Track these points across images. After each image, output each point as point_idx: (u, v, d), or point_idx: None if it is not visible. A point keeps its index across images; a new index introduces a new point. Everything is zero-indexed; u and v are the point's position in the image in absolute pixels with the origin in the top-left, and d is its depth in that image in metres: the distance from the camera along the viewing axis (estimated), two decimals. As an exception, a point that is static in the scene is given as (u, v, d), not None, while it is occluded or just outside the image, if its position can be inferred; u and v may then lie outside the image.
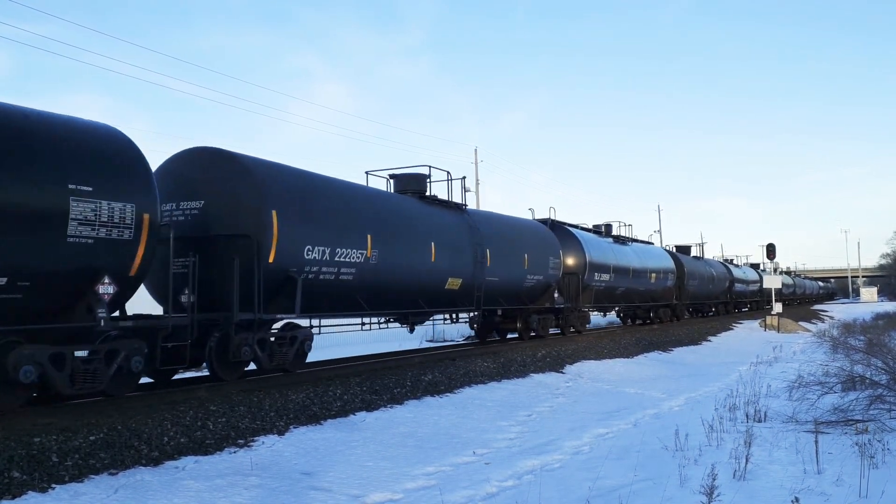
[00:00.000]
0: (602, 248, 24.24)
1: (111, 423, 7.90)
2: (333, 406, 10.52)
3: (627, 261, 25.89)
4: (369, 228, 12.99)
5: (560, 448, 9.19)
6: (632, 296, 26.89)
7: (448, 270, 15.32)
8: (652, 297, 29.28)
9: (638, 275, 26.63)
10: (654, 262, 28.78)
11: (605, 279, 23.76)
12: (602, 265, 23.44)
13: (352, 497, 6.98)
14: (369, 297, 13.17)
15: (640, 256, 27.54)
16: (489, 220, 18.24)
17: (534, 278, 19.06)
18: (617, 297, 25.73)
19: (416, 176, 16.42)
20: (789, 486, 6.41)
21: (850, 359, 13.96)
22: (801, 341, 26.73)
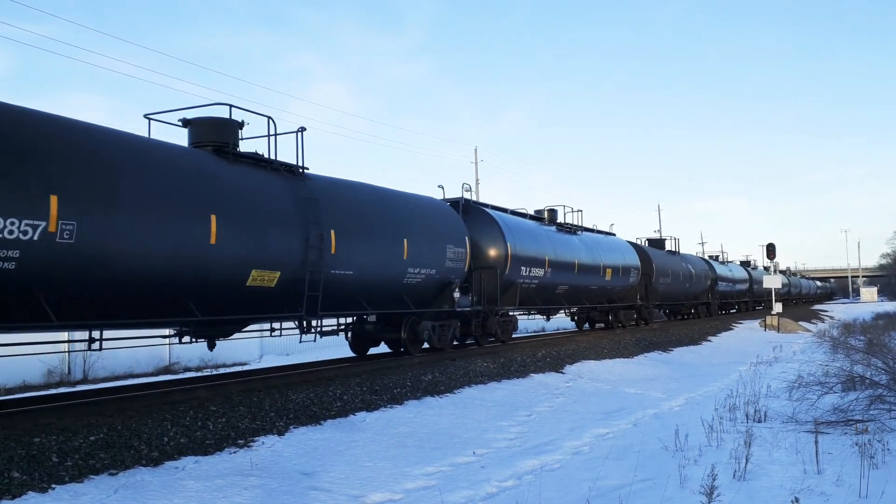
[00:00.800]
0: (534, 236, 19.36)
1: (111, 423, 7.90)
2: (333, 406, 10.52)
3: (572, 253, 21.27)
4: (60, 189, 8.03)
5: (560, 448, 9.20)
6: (579, 295, 22.54)
7: (249, 259, 10.43)
8: (609, 297, 25.16)
9: (587, 270, 22.12)
10: (611, 255, 24.30)
11: (539, 275, 19.07)
12: (533, 258, 18.65)
13: (352, 497, 6.99)
14: (61, 297, 8.26)
15: (593, 249, 23.07)
16: (338, 192, 12.81)
17: (420, 273, 14.19)
18: (557, 297, 21.13)
19: (218, 122, 11.34)
20: (789, 487, 6.41)
21: (850, 359, 13.95)
22: (801, 341, 26.73)
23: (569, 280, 21.10)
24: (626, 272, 25.44)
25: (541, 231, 20.20)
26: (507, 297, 17.80)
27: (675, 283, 31.72)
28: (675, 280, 31.73)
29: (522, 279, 18.32)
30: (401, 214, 14.15)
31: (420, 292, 14.63)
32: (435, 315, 15.45)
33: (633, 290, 26.60)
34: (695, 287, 35.60)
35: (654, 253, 29.99)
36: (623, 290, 25.84)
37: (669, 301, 32.73)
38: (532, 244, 18.89)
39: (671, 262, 31.76)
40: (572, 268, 21.15)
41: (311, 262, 11.48)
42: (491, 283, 17.04)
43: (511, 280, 17.79)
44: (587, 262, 22.19)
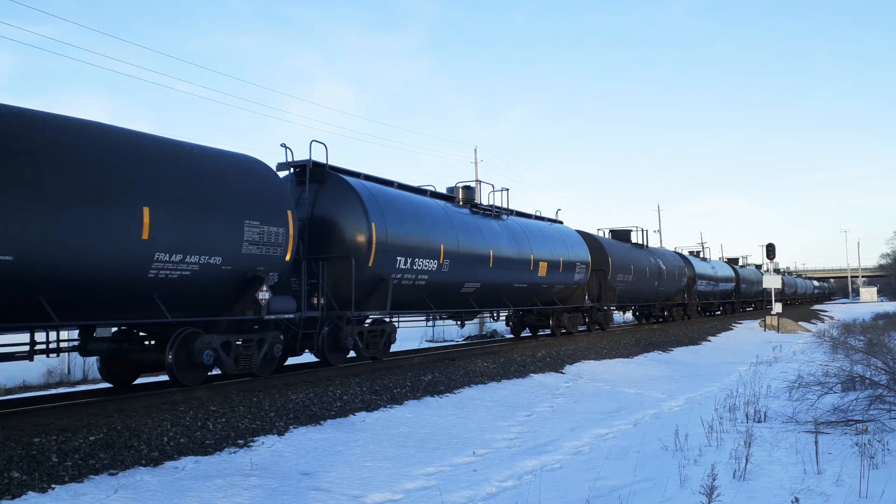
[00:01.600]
0: (421, 217, 14.38)
1: (111, 423, 7.90)
2: (333, 406, 10.52)
3: (487, 242, 16.44)
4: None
5: (560, 448, 9.20)
6: (498, 295, 17.43)
7: None
8: (545, 298, 20.36)
9: (510, 264, 17.35)
10: (547, 247, 19.51)
11: (429, 268, 14.20)
12: (416, 246, 13.78)
13: (352, 497, 6.98)
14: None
15: (520, 237, 18.24)
16: None
17: (185, 263, 9.37)
18: (462, 298, 15.96)
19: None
20: (789, 487, 6.41)
21: (850, 359, 13.95)
22: (801, 341, 26.73)
23: (481, 276, 16.04)
24: (570, 267, 20.65)
25: (436, 211, 15.09)
26: (374, 298, 13.04)
27: (639, 282, 26.67)
28: (640, 277, 26.71)
29: (399, 274, 13.36)
30: (138, 168, 8.93)
31: (189, 293, 9.72)
32: (231, 326, 10.65)
33: (579, 290, 21.83)
34: (667, 286, 30.50)
35: (612, 245, 25.14)
36: (565, 288, 20.94)
37: (632, 302, 28.01)
38: (416, 227, 13.96)
39: (635, 257, 26.84)
40: (485, 260, 16.16)
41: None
42: (344, 279, 12.40)
43: (379, 275, 12.91)
44: (510, 253, 17.33)
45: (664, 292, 30.81)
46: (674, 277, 31.44)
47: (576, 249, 21.55)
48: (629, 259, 26.06)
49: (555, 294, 20.71)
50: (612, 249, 24.58)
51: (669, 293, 31.86)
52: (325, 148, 13.14)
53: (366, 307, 13.12)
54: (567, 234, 21.88)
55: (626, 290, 25.75)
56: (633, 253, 27.06)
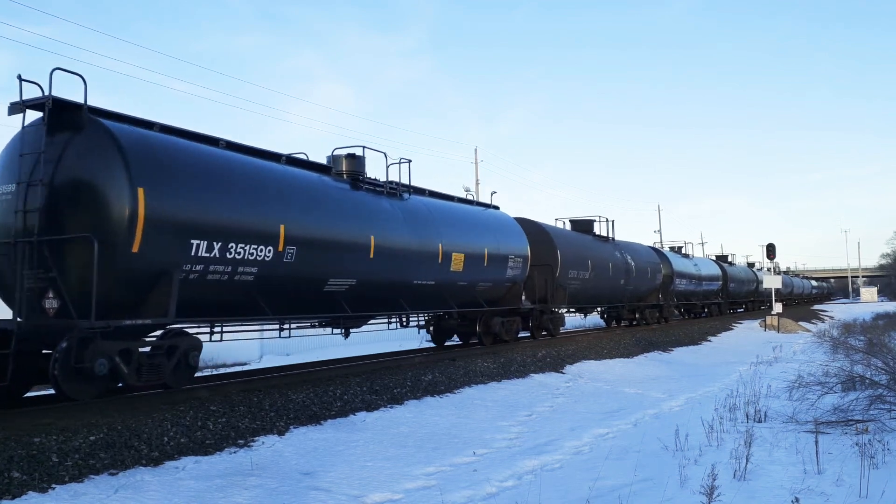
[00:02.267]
0: (257, 186, 10.72)
1: (111, 423, 7.90)
2: (333, 406, 10.52)
3: (366, 226, 12.66)
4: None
5: (560, 448, 9.20)
6: (387, 294, 13.62)
7: None
8: (465, 299, 16.36)
9: (405, 257, 13.60)
10: (469, 236, 15.98)
11: (259, 257, 10.44)
12: (232, 227, 10.06)
13: (352, 497, 6.98)
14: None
15: (425, 223, 14.47)
16: None
17: None
18: (324, 299, 12.19)
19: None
20: (789, 487, 6.41)
21: (850, 359, 13.95)
22: (801, 341, 26.72)
23: (357, 270, 12.25)
24: (500, 262, 17.10)
25: (281, 181, 11.17)
26: (152, 299, 9.26)
27: (600, 279, 23.28)
28: (601, 274, 23.38)
29: (197, 265, 9.60)
30: None
31: None
32: None
33: (515, 288, 18.18)
34: (637, 284, 27.07)
35: (562, 236, 21.76)
36: (493, 287, 17.19)
37: (591, 303, 24.52)
38: (235, 199, 10.16)
39: (596, 251, 23.56)
40: (363, 249, 12.34)
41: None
42: (84, 274, 8.66)
43: (154, 266, 9.11)
44: (406, 241, 13.54)
45: (633, 291, 27.10)
46: (645, 275, 27.78)
47: (509, 240, 17.77)
48: (587, 253, 22.62)
49: (480, 294, 16.74)
50: (562, 241, 21.02)
51: (641, 293, 28.12)
52: (84, 81, 9.24)
53: (138, 313, 9.12)
54: (500, 221, 18.08)
55: (582, 289, 22.10)
56: (592, 246, 23.60)
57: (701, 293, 37.99)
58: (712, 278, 39.75)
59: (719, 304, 42.23)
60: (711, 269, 40.53)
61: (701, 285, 37.39)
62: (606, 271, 24.08)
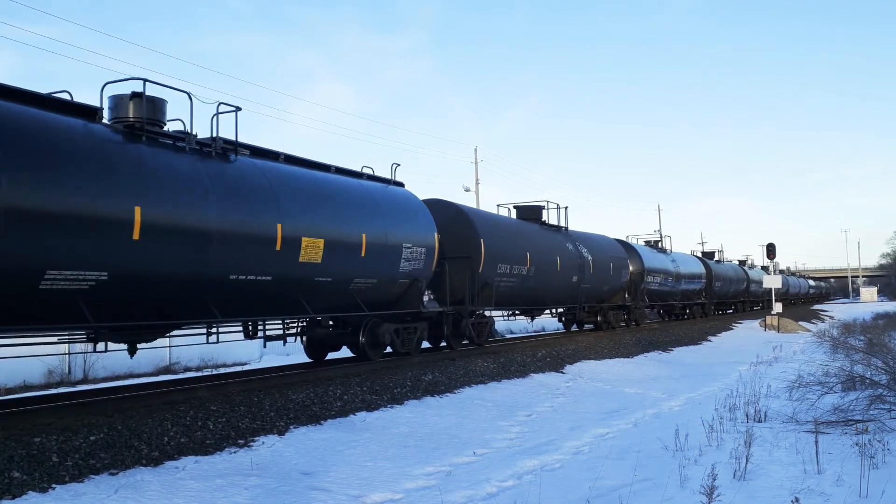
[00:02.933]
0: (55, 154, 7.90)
1: (111, 423, 7.91)
2: (333, 406, 10.52)
3: (130, 196, 8.65)
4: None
5: (560, 448, 9.20)
6: (178, 290, 9.54)
7: None
8: (334, 301, 12.59)
9: (206, 242, 9.66)
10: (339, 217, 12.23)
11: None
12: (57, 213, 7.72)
13: (352, 497, 6.99)
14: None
15: (257, 196, 10.64)
16: None
17: None
18: (43, 300, 8.01)
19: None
20: (789, 487, 6.41)
21: (850, 359, 13.95)
22: (801, 341, 26.73)
23: (107, 260, 8.34)
24: (390, 253, 13.27)
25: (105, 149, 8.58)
26: None
27: (543, 276, 19.25)
28: (546, 270, 19.35)
29: None
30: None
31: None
32: None
33: (414, 287, 14.11)
34: (596, 282, 22.97)
35: (490, 223, 17.59)
36: (378, 285, 13.20)
37: (532, 304, 20.25)
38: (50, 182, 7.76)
39: (539, 243, 19.48)
40: (119, 229, 8.50)
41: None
42: None
43: None
44: (209, 221, 9.65)
45: (592, 291, 22.94)
46: (607, 271, 23.74)
47: (406, 225, 13.89)
48: (525, 243, 18.63)
49: (358, 294, 12.79)
50: (488, 228, 16.99)
51: (602, 292, 24.03)
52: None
53: None
54: (396, 201, 14.08)
55: (519, 288, 18.26)
56: (535, 236, 19.68)
57: (679, 293, 33.26)
58: (693, 276, 35.18)
59: (703, 304, 37.60)
60: (693, 266, 35.68)
61: (679, 284, 32.71)
62: (553, 266, 19.91)
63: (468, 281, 15.87)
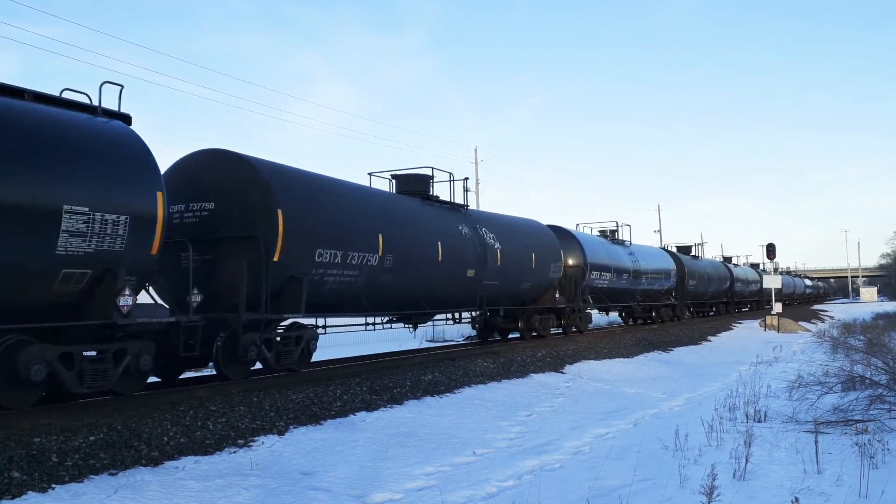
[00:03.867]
0: None
1: (111, 423, 7.90)
2: (333, 406, 10.52)
3: None
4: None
5: (560, 448, 9.20)
6: None
7: None
8: None
9: None
10: None
11: None
12: None
13: (352, 497, 6.99)
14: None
15: None
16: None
17: None
18: None
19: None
20: (789, 486, 6.41)
21: (850, 359, 13.96)
22: (801, 341, 26.72)
23: None
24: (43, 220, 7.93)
25: None
26: None
27: (410, 268, 14.25)
28: (415, 260, 14.38)
29: None
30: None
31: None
32: None
33: (103, 280, 8.64)
34: (508, 279, 17.88)
35: (299, 185, 12.14)
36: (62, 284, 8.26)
37: (385, 308, 14.55)
38: None
39: (399, 221, 14.23)
40: None
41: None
42: None
43: None
44: None
45: (500, 289, 17.62)
46: (525, 265, 18.64)
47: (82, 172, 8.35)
48: (376, 222, 13.31)
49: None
50: (296, 193, 11.73)
51: (520, 291, 18.85)
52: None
53: None
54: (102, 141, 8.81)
55: (366, 285, 13.01)
56: (402, 213, 14.49)
57: (639, 292, 27.76)
58: (659, 273, 29.56)
59: (672, 306, 32.10)
60: (659, 261, 30.21)
61: (640, 282, 27.21)
62: (430, 255, 14.79)
63: (247, 274, 10.67)
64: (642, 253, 28.69)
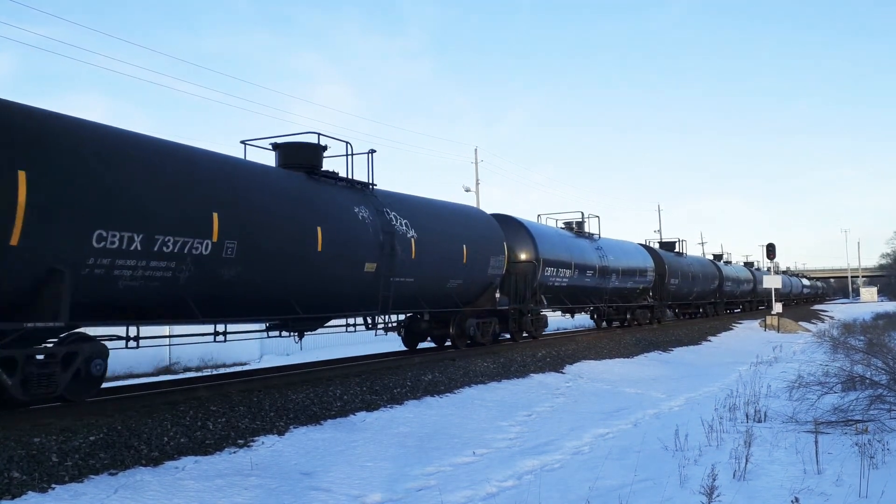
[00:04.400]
0: None
1: (111, 423, 7.90)
2: (333, 406, 10.52)
3: None
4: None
5: (560, 448, 9.20)
6: None
7: None
8: None
9: None
10: None
11: None
12: None
13: (352, 497, 6.99)
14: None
15: None
16: None
17: None
18: None
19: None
20: (789, 486, 6.41)
21: (850, 359, 13.95)
22: (801, 341, 26.73)
23: None
24: None
25: None
26: None
27: (260, 259, 10.52)
28: (273, 249, 10.70)
29: None
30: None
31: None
32: None
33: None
34: (428, 274, 14.58)
35: (98, 146, 8.62)
36: None
37: (250, 309, 10.95)
38: None
39: (253, 201, 10.61)
40: None
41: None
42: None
43: None
44: None
45: (414, 288, 14.20)
46: (454, 258, 15.34)
47: None
48: (206, 199, 9.81)
49: None
50: (66, 155, 8.22)
51: (447, 291, 15.45)
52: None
53: None
54: None
55: (191, 283, 9.62)
56: (259, 192, 10.89)
57: (609, 291, 24.51)
58: (633, 271, 26.27)
59: (650, 307, 28.82)
60: (634, 258, 26.88)
61: (609, 280, 24.06)
62: (300, 243, 11.32)
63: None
64: (613, 248, 25.27)
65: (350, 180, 13.33)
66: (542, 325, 20.64)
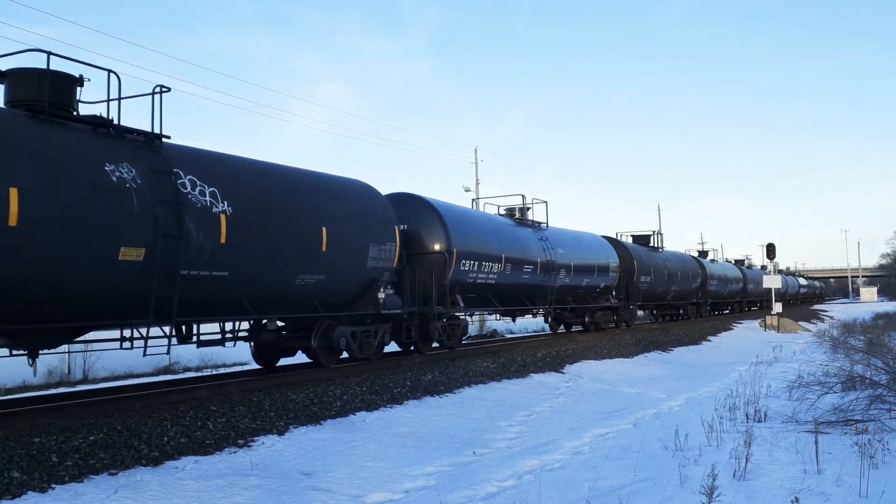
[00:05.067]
0: None
1: (111, 423, 7.90)
2: (333, 406, 10.52)
3: None
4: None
5: (560, 448, 9.20)
6: None
7: None
8: None
9: None
10: None
11: None
12: None
13: (352, 497, 6.99)
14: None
15: None
16: None
17: None
18: None
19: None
20: (789, 486, 6.41)
21: (850, 359, 13.95)
22: (801, 341, 26.73)
23: None
24: None
25: None
26: None
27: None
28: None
29: None
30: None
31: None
32: None
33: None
34: (273, 270, 10.64)
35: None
36: None
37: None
38: None
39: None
40: None
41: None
42: None
43: None
44: None
45: (243, 286, 10.31)
46: (308, 247, 11.34)
47: None
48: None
49: None
50: None
51: (296, 292, 11.41)
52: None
53: None
54: None
55: None
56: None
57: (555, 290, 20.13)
58: (589, 268, 22.22)
59: (614, 308, 24.95)
60: (590, 251, 22.71)
61: (555, 277, 19.90)
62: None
63: None
64: (563, 239, 21.01)
65: (102, 121, 8.94)
66: (461, 333, 16.51)
